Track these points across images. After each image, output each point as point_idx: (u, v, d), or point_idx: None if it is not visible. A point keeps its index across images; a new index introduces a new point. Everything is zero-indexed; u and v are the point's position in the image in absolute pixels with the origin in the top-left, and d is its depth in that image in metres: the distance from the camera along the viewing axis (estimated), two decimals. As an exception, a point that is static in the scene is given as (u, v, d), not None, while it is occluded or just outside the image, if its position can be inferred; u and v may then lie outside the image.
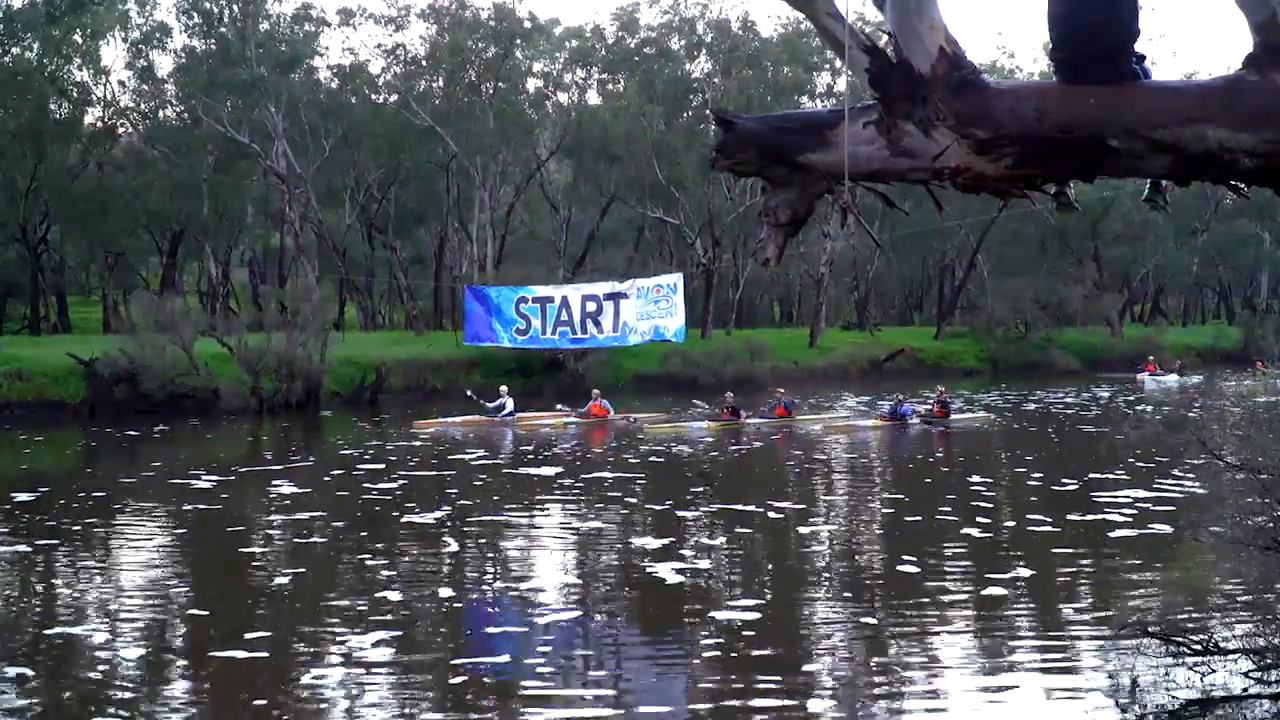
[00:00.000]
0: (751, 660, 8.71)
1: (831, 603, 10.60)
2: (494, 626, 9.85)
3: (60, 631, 9.63)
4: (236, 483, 18.36)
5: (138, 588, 11.46)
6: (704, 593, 11.14)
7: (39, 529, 14.60)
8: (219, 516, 15.16)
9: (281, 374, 32.77)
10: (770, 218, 5.19)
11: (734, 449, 23.48)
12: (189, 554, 12.91)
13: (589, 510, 15.65)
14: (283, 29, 53.44)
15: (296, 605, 10.27)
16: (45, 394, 31.09)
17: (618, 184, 55.75)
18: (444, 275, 60.03)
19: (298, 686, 8.11)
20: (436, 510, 15.51)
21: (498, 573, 11.96)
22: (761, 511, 14.78)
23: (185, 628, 9.80)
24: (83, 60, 51.87)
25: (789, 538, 13.23)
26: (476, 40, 52.44)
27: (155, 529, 14.96)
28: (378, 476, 19.08)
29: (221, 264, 58.70)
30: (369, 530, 13.98)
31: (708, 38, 55.91)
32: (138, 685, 8.22)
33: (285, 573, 12.00)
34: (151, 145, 56.40)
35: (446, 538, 13.67)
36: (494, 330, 32.50)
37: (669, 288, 30.25)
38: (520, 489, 17.61)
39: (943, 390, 28.82)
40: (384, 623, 9.59)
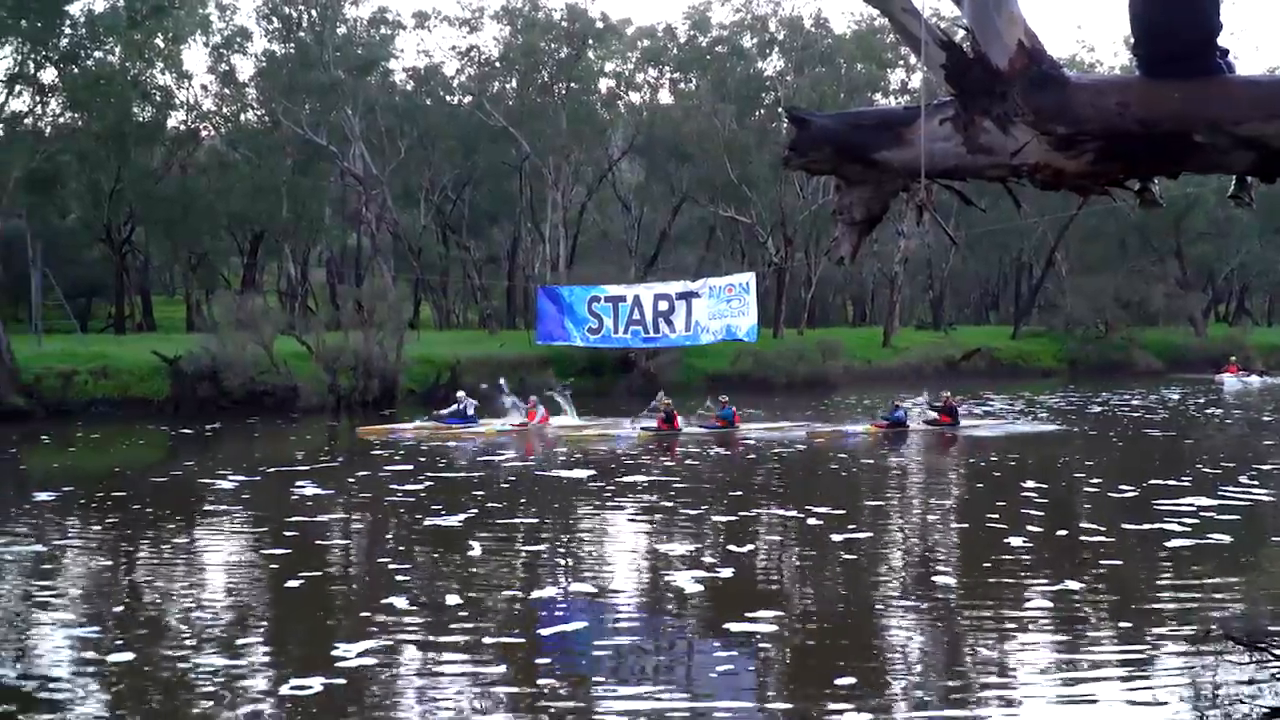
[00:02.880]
0: (823, 663, 8.66)
1: (902, 607, 10.46)
2: (565, 625, 9.90)
3: (144, 624, 9.86)
4: (313, 478, 18.61)
5: (217, 582, 11.69)
6: (774, 594, 11.10)
7: (124, 522, 14.96)
8: (295, 512, 15.38)
9: (358, 372, 33.23)
10: (844, 216, 5.18)
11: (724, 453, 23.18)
12: (265, 549, 13.10)
13: (651, 512, 15.56)
14: (359, 32, 54.17)
15: (368, 601, 10.38)
16: (131, 391, 31.79)
17: (689, 183, 55.69)
18: (517, 275, 60.48)
19: (368, 683, 8.21)
20: (502, 510, 15.56)
21: (566, 572, 11.99)
22: (817, 517, 14.57)
23: (261, 623, 9.97)
24: (165, 64, 52.94)
25: (851, 543, 13.06)
26: (549, 41, 52.69)
27: (235, 524, 15.23)
28: (447, 473, 19.28)
29: (300, 264, 59.68)
30: (439, 528, 14.08)
31: (780, 35, 55.67)
32: (216, 678, 8.38)
33: (357, 569, 12.17)
34: (233, 148, 57.52)
35: (511, 537, 13.74)
36: (566, 329, 32.64)
37: (741, 287, 30.15)
38: (582, 492, 17.56)
39: (949, 395, 27.25)
40: (457, 621, 9.67)
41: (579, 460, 21.11)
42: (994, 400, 35.12)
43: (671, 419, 25.15)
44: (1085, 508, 16.14)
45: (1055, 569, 11.67)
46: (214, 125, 59.05)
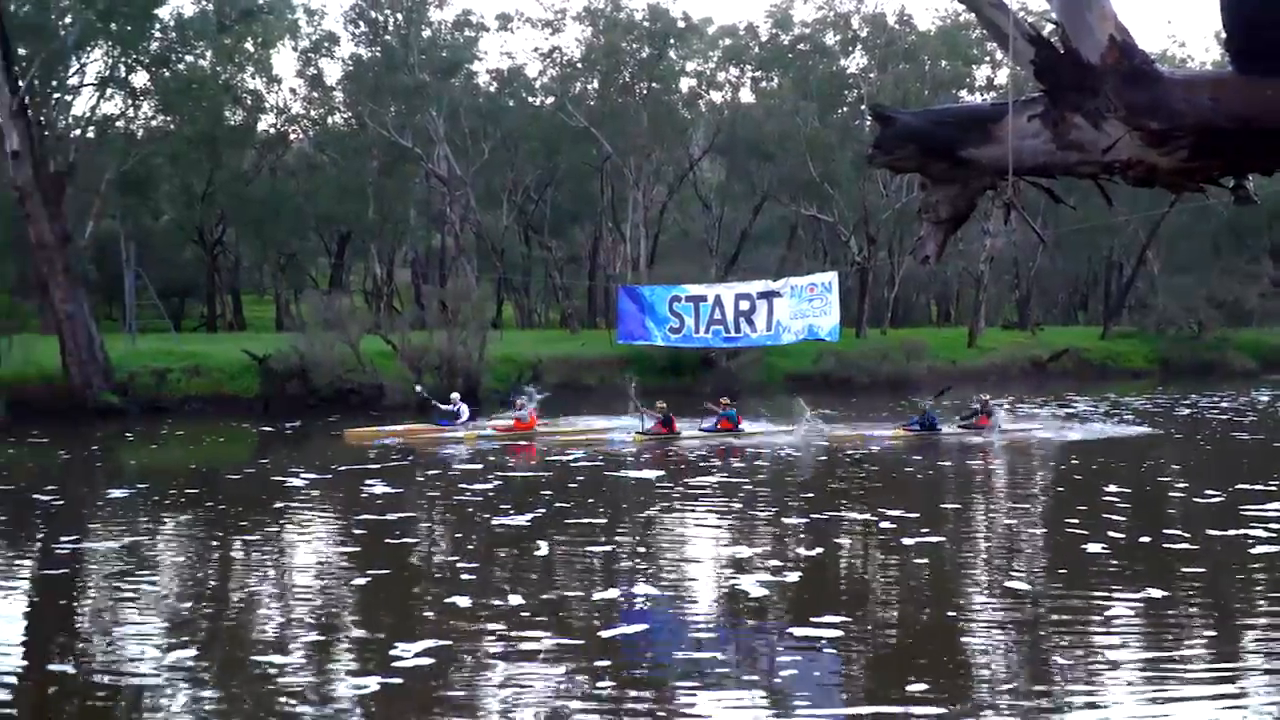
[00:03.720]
0: (901, 667, 8.57)
1: (980, 612, 10.25)
2: (637, 626, 9.91)
3: (232, 618, 10.09)
4: (385, 477, 18.79)
5: (304, 578, 11.88)
6: (851, 597, 10.98)
7: (215, 518, 15.30)
8: (366, 510, 15.61)
9: (442, 371, 33.61)
10: (930, 214, 5.13)
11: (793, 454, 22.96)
12: (352, 546, 13.29)
13: (721, 514, 15.48)
14: (443, 35, 54.83)
15: (451, 600, 10.46)
16: (222, 389, 32.49)
17: (771, 182, 55.50)
18: (598, 274, 60.73)
19: (452, 681, 8.30)
20: (586, 510, 15.59)
21: (636, 573, 11.97)
22: (891, 520, 14.33)
23: (347, 619, 10.11)
24: (255, 68, 54.06)
25: (926, 546, 12.83)
26: (631, 41, 52.83)
27: (322, 520, 15.47)
28: (516, 472, 19.42)
29: (386, 264, 60.59)
30: (507, 527, 14.14)
31: (863, 32, 55.26)
32: (301, 674, 8.53)
33: (440, 567, 12.30)
34: (320, 150, 58.61)
35: (580, 538, 13.78)
36: (647, 329, 32.66)
37: (824, 286, 29.92)
38: (651, 493, 17.48)
39: (988, 398, 26.29)
40: (523, 622, 9.70)
41: (648, 461, 21.04)
42: (1078, 402, 34.44)
43: (670, 422, 24.49)
44: (1169, 513, 15.71)
45: (1138, 576, 11.37)
46: (302, 128, 60.21)
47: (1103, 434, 25.71)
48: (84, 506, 16.48)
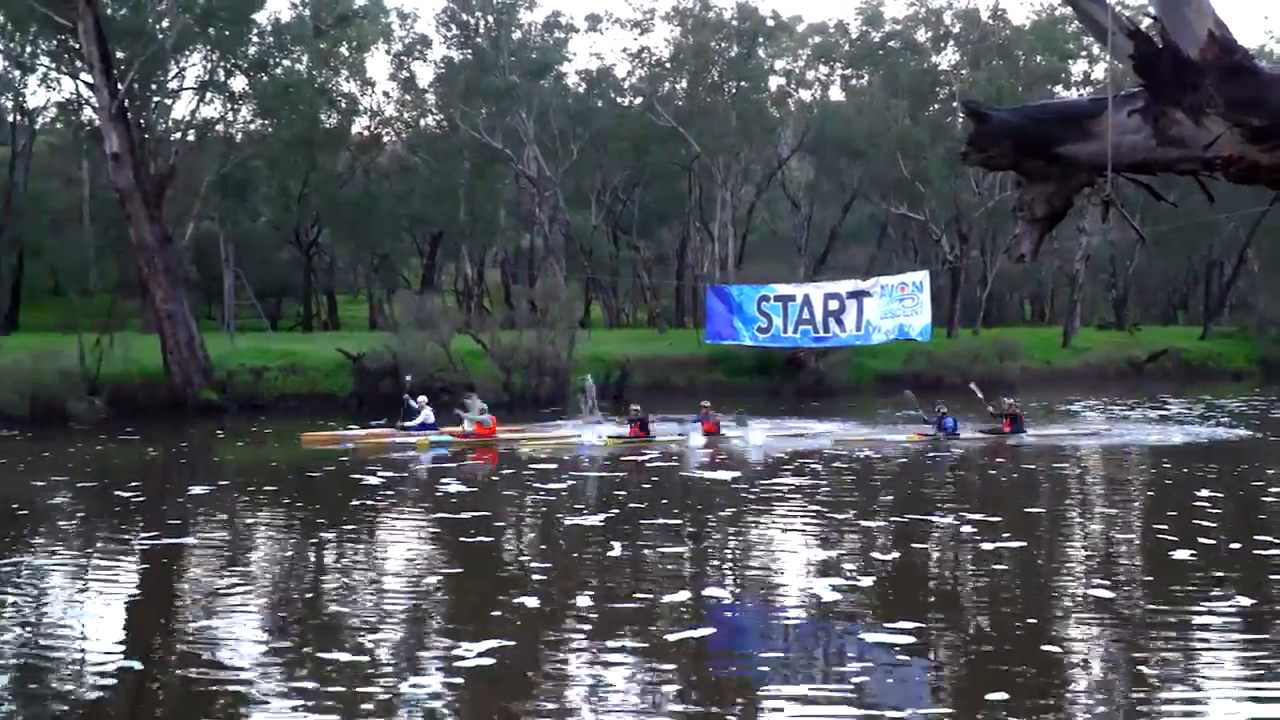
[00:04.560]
0: (989, 672, 8.45)
1: (1067, 617, 9.99)
2: (735, 626, 9.91)
3: (329, 611, 10.27)
4: (459, 476, 18.95)
5: (394, 575, 12.03)
6: (931, 601, 10.82)
7: (301, 514, 15.60)
8: (472, 507, 15.80)
9: (531, 370, 33.91)
10: (1025, 212, 5.06)
11: (867, 455, 22.65)
12: (442, 543, 13.45)
13: (797, 515, 15.29)
14: (533, 37, 55.29)
15: (541, 599, 10.53)
16: (317, 387, 33.14)
17: (861, 180, 55.08)
18: (686, 274, 60.68)
19: (542, 681, 8.36)
20: (643, 511, 15.51)
21: (735, 573, 11.97)
22: (971, 524, 14.06)
23: (435, 615, 10.22)
24: (350, 72, 55.02)
25: (1007, 551, 12.54)
26: (719, 40, 52.78)
27: (413, 517, 15.69)
28: (590, 472, 19.49)
29: (476, 264, 61.27)
30: (580, 527, 14.17)
31: (955, 28, 54.59)
32: (390, 670, 8.66)
33: (531, 566, 12.39)
34: (413, 152, 59.48)
35: (680, 537, 13.80)
36: (735, 329, 32.59)
37: (915, 285, 29.57)
38: (725, 494, 17.39)
39: (1012, 402, 25.24)
40: (626, 620, 9.75)
41: (724, 462, 20.88)
42: (1172, 404, 33.58)
43: (646, 425, 23.46)
44: (1261, 519, 15.18)
45: (1229, 584, 10.97)
46: (395, 130, 61.16)
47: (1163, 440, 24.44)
48: (174, 501, 16.88)
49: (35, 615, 10.06)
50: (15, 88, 50.41)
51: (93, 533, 14.53)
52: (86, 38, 30.98)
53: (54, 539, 13.99)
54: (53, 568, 12.23)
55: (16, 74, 48.94)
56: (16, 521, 14.88)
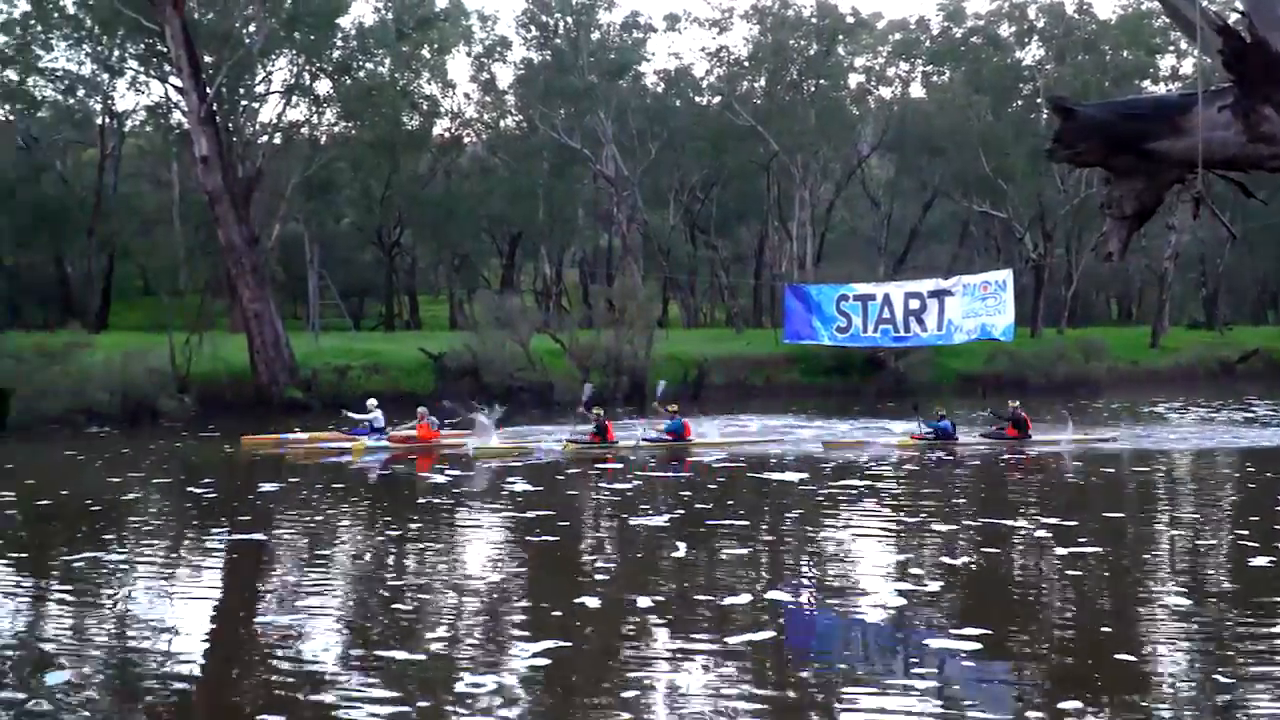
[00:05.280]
0: (1074, 677, 8.30)
1: (1143, 629, 9.75)
2: (812, 627, 9.85)
3: (400, 608, 10.40)
4: (525, 475, 18.94)
5: (464, 573, 12.11)
6: (1019, 605, 10.65)
7: (391, 511, 15.79)
8: (548, 504, 15.89)
9: (609, 369, 34.03)
10: (1114, 210, 4.97)
11: (946, 457, 22.21)
12: (522, 540, 13.52)
13: (869, 517, 15.10)
14: (612, 37, 55.48)
15: (617, 599, 10.55)
16: (399, 385, 33.54)
17: (942, 178, 54.47)
18: (764, 273, 60.55)
19: (618, 680, 8.38)
20: (710, 512, 15.44)
21: (801, 575, 11.87)
22: (1045, 529, 13.70)
23: (505, 614, 10.27)
24: (431, 74, 55.64)
25: (1084, 556, 12.24)
26: (799, 38, 52.58)
27: (482, 515, 15.79)
28: (655, 473, 19.47)
29: (555, 264, 61.64)
30: (681, 527, 14.16)
31: (1040, 23, 53.80)
32: (459, 668, 8.72)
33: (608, 566, 12.43)
34: (493, 153, 60.03)
35: (747, 539, 13.73)
36: (814, 328, 32.39)
37: (998, 284, 29.13)
38: (794, 495, 17.22)
39: (1017, 405, 23.88)
40: (701, 620, 9.74)
41: (791, 463, 20.62)
42: (1258, 406, 32.67)
43: (605, 431, 22.16)
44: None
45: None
46: (475, 132, 61.75)
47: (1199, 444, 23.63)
48: (255, 498, 17.17)
49: (122, 609, 10.29)
50: (104, 91, 51.73)
51: (177, 528, 14.83)
52: (174, 42, 31.67)
53: (141, 534, 14.31)
54: (138, 562, 12.50)
55: (105, 77, 50.22)
56: (105, 516, 15.25)
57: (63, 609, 10.47)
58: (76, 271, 53.43)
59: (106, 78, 50.22)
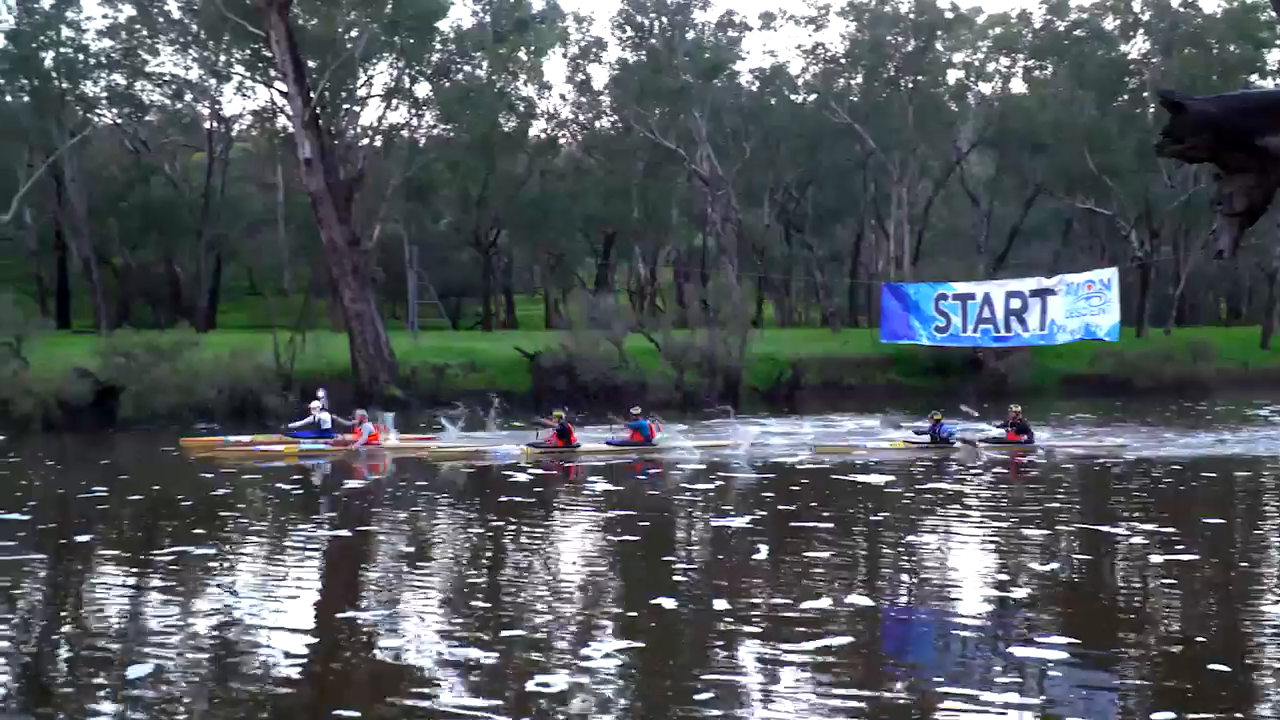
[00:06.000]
0: (1160, 689, 8.07)
1: (1248, 637, 9.45)
2: (902, 632, 9.74)
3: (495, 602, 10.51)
4: (608, 475, 18.95)
5: (572, 565, 12.23)
6: (1110, 612, 10.37)
7: (489, 506, 15.95)
8: (645, 503, 15.94)
9: (703, 369, 34.01)
10: (1224, 207, 4.84)
11: (1025, 459, 21.60)
12: (618, 537, 13.59)
13: (959, 521, 14.81)
14: (707, 37, 55.44)
15: (700, 600, 10.52)
16: (496, 384, 33.83)
17: (1044, 174, 53.39)
18: (860, 272, 60.01)
19: (704, 682, 8.36)
20: (793, 513, 15.31)
21: (898, 579, 11.71)
22: (1143, 535, 13.39)
23: (612, 607, 10.34)
24: (527, 76, 56.13)
25: (1185, 564, 11.94)
26: (896, 34, 52.01)
27: (589, 511, 15.92)
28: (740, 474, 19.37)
29: (649, 264, 61.80)
30: (792, 530, 14.07)
31: (1145, 16, 52.51)
32: (549, 665, 8.77)
33: (702, 565, 12.42)
34: (588, 153, 60.37)
35: (854, 541, 13.61)
36: (912, 328, 31.96)
37: (1102, 283, 28.44)
38: (879, 498, 16.96)
39: (1018, 410, 23.20)
40: (800, 623, 9.66)
41: (875, 466, 20.21)
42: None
43: (567, 434, 21.57)
44: None
45: None
46: (571, 132, 62.13)
47: None
48: (353, 494, 17.51)
49: (227, 602, 10.53)
50: (212, 95, 53.11)
51: (278, 522, 15.17)
52: (279, 47, 32.40)
53: (243, 528, 14.67)
54: (237, 556, 12.85)
55: (212, 82, 51.55)
56: (209, 512, 15.66)
57: (167, 600, 10.76)
58: (185, 272, 54.94)
59: (214, 82, 51.57)
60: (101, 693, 7.90)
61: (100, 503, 16.30)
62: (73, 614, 10.17)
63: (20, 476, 19.70)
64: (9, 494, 17.04)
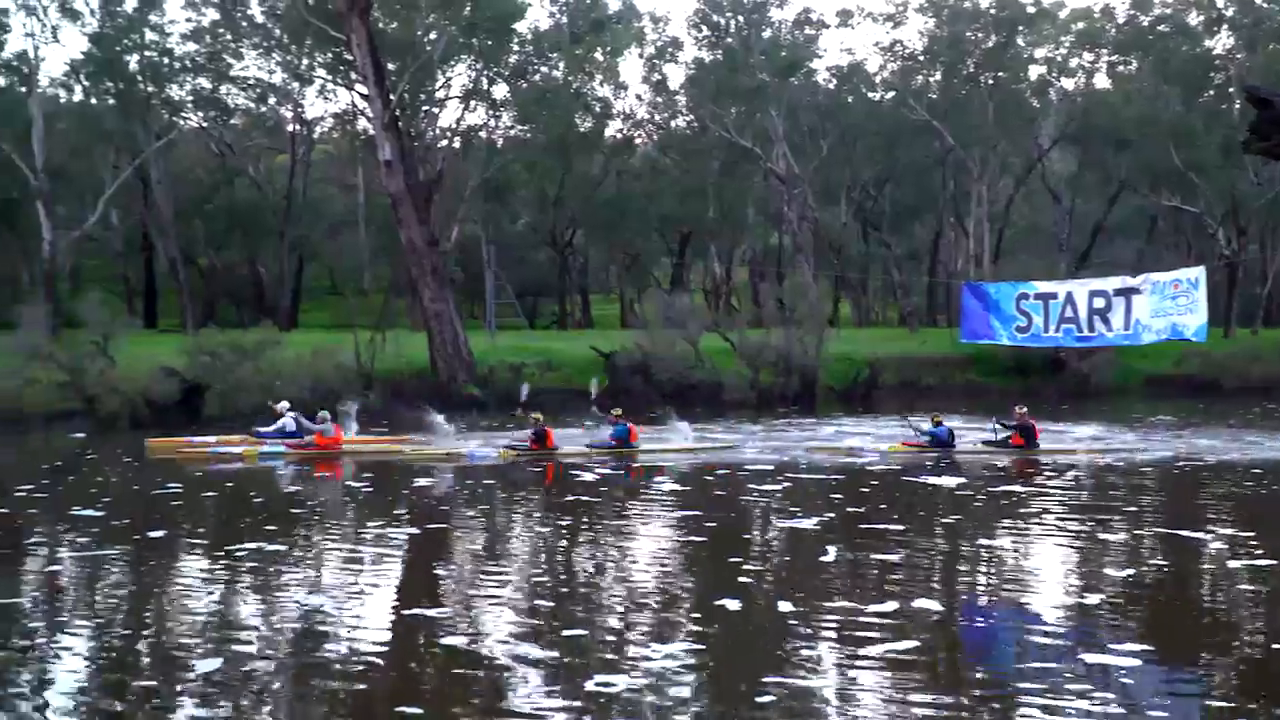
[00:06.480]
0: (1236, 697, 7.90)
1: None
2: (986, 636, 9.62)
3: (571, 597, 10.59)
4: (672, 475, 18.88)
5: (636, 565, 12.21)
6: (1215, 620, 10.15)
7: (553, 505, 16.05)
8: (654, 505, 16.00)
9: (779, 368, 33.91)
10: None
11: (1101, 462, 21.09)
12: (684, 537, 13.59)
13: (1028, 521, 14.51)
14: (784, 35, 55.28)
15: (771, 600, 10.49)
16: (572, 382, 34.07)
17: (1128, 171, 52.43)
18: (939, 271, 59.39)
19: (777, 684, 8.35)
20: (863, 515, 15.16)
21: (984, 582, 11.56)
22: (1221, 540, 13.02)
23: (679, 608, 10.35)
24: (603, 76, 56.38)
25: (1265, 570, 11.66)
26: (976, 30, 51.42)
27: (661, 509, 15.93)
28: (808, 474, 19.23)
29: (725, 263, 61.76)
30: (861, 531, 13.96)
31: (1229, 11, 51.32)
32: (619, 663, 8.82)
33: (775, 564, 12.38)
34: (663, 153, 60.48)
35: (926, 543, 13.47)
36: (992, 327, 31.60)
37: (1189, 282, 27.88)
38: (948, 501, 16.76)
39: (1024, 411, 21.98)
40: (877, 626, 9.60)
41: (940, 468, 19.86)
42: None
43: (544, 438, 21.24)
44: None
45: None
46: (647, 132, 62.28)
47: None
48: (429, 491, 17.71)
49: (308, 598, 10.70)
50: (294, 98, 54.05)
51: (359, 519, 15.38)
52: (360, 50, 32.89)
53: (315, 526, 14.91)
54: (315, 553, 13.07)
55: (295, 85, 52.47)
56: (281, 510, 15.96)
57: (239, 595, 10.96)
58: (268, 272, 56.03)
59: (296, 86, 52.51)
60: (176, 686, 8.07)
61: (175, 499, 16.71)
62: (144, 608, 10.38)
63: (97, 473, 20.16)
64: (85, 491, 17.46)
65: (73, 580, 11.57)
